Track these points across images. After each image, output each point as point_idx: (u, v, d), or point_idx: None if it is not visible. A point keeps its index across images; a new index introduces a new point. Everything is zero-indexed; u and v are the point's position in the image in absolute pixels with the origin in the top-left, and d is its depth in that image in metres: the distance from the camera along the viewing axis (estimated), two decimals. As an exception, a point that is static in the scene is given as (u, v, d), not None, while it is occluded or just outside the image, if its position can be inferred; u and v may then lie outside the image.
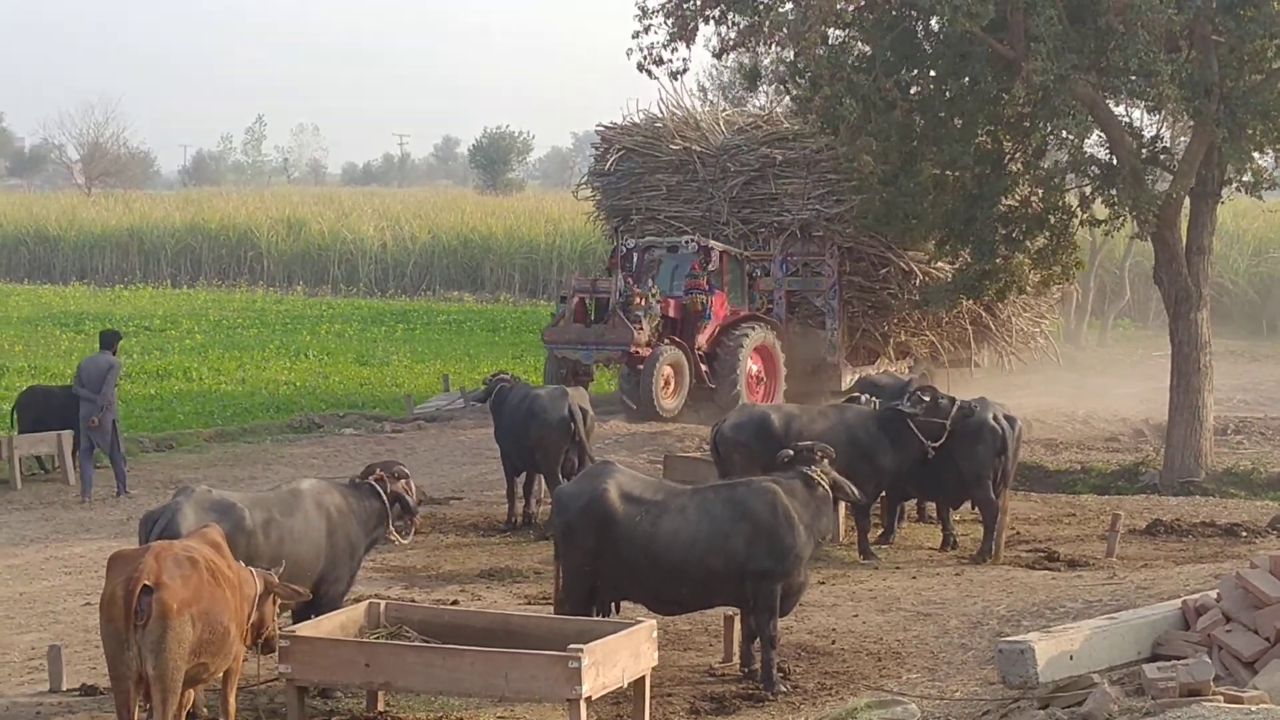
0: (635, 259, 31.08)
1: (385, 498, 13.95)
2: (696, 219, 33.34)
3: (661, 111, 35.36)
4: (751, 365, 30.50)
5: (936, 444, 18.59)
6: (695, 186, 33.72)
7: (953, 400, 19.29)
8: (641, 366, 29.26)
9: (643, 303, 29.47)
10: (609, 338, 29.50)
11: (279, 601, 11.80)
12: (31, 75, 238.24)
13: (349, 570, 13.83)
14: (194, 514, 12.75)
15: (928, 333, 33.32)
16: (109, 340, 23.59)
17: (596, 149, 36.40)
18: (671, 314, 30.22)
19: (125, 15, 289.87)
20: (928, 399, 19.02)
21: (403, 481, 14.16)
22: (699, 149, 33.80)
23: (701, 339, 30.30)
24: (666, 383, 29.38)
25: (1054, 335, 36.26)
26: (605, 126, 35.77)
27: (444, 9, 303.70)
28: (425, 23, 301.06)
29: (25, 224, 71.12)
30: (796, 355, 31.80)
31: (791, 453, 14.04)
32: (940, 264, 30.43)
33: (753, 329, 30.76)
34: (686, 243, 31.00)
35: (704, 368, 30.13)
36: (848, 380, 31.00)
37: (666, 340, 29.69)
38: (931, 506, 20.81)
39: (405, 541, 14.51)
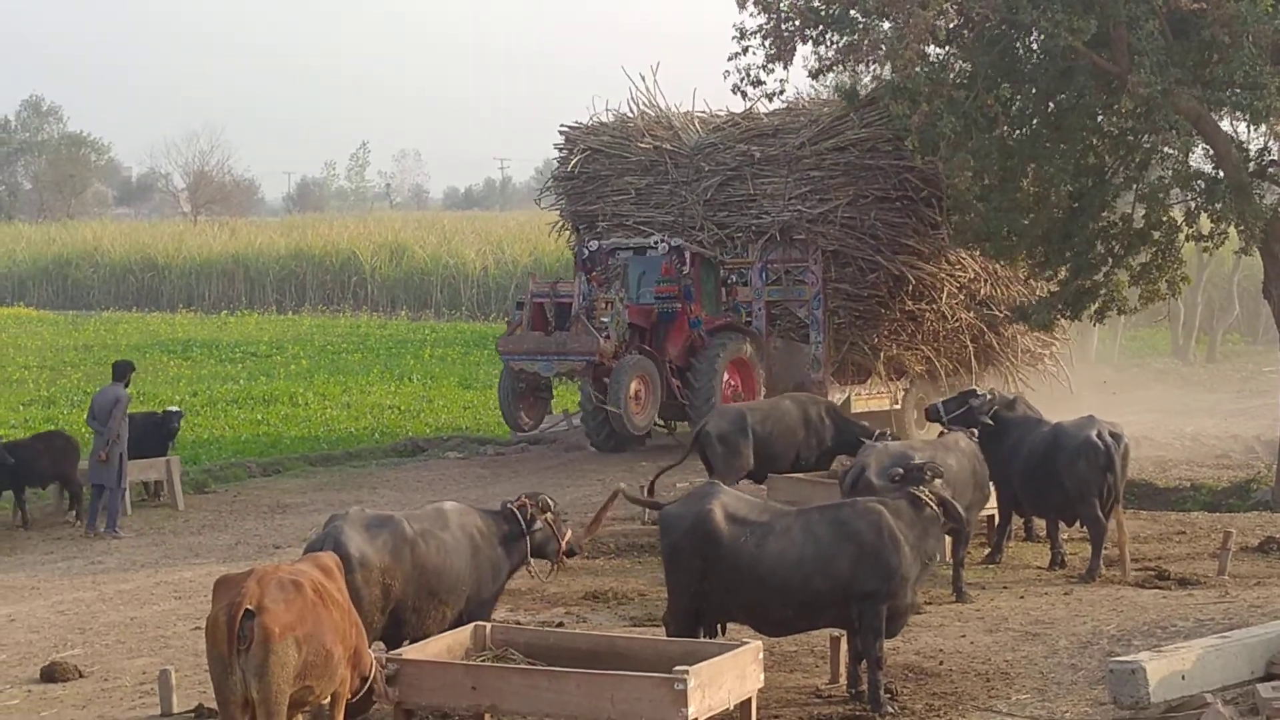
0: (600, 264, 28.86)
1: (524, 524, 14.02)
2: (668, 223, 30.79)
3: (632, 110, 33.01)
4: (727, 381, 28.25)
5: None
6: (667, 189, 31.23)
7: (991, 399, 19.50)
8: (608, 379, 27.11)
9: (608, 309, 27.41)
10: (571, 347, 27.22)
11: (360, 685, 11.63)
12: (138, 105, 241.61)
13: (493, 593, 13.89)
14: (355, 532, 12.89)
15: (922, 347, 30.71)
16: (121, 372, 22.99)
17: (560, 150, 33.45)
18: (640, 322, 28.13)
19: (230, 46, 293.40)
20: (963, 404, 19.38)
21: (548, 515, 14.24)
22: (670, 148, 31.37)
23: (674, 350, 28.21)
24: (635, 396, 27.27)
25: (1064, 358, 33.76)
26: (570, 126, 33.15)
27: (542, 37, 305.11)
28: (526, 51, 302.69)
29: (133, 252, 72.09)
30: (777, 372, 29.51)
31: (901, 471, 13.97)
32: (927, 265, 29.31)
33: (730, 339, 28.46)
34: (656, 244, 28.80)
35: (676, 382, 28.03)
36: (836, 400, 28.04)
37: (635, 350, 27.62)
38: (1040, 525, 20.62)
39: (544, 578, 14.51)
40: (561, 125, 33.12)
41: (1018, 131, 25.48)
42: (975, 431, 19.04)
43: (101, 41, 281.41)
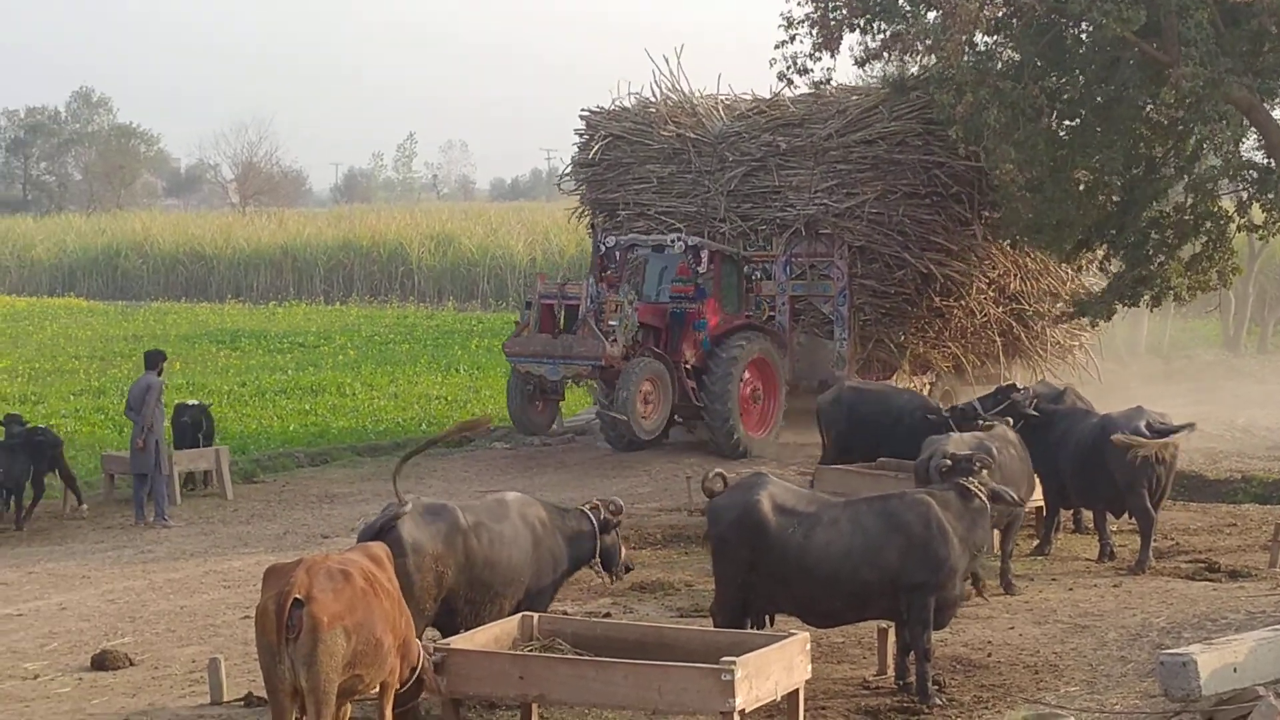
0: (617, 259, 28.11)
1: (595, 525, 14.08)
2: (691, 214, 29.91)
3: (655, 94, 31.84)
4: (747, 381, 27.37)
5: None
6: (690, 178, 30.17)
7: (1031, 394, 19.60)
8: (618, 383, 26.10)
9: (616, 311, 26.39)
10: (577, 350, 26.34)
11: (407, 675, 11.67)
12: (187, 96, 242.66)
13: (551, 584, 13.92)
14: (409, 518, 12.93)
15: (950, 344, 29.96)
16: (153, 360, 23.14)
17: (580, 135, 32.26)
18: (654, 322, 27.06)
19: (278, 36, 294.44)
20: (1005, 400, 19.47)
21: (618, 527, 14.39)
22: (694, 136, 30.32)
23: (690, 351, 27.12)
24: (645, 399, 26.23)
25: (1094, 349, 33.32)
26: (590, 111, 32.10)
27: (591, 29, 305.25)
28: (575, 39, 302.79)
29: (182, 243, 72.35)
30: (801, 369, 28.78)
31: (949, 463, 13.93)
32: (957, 263, 28.54)
33: (748, 340, 27.37)
34: (673, 241, 27.76)
35: (691, 384, 27.01)
36: None
37: (645, 352, 26.58)
38: (1088, 517, 20.53)
39: (609, 581, 14.56)
40: (582, 110, 32.26)
41: (1066, 122, 25.38)
42: (1010, 421, 18.99)
43: (151, 33, 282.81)
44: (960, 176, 28.37)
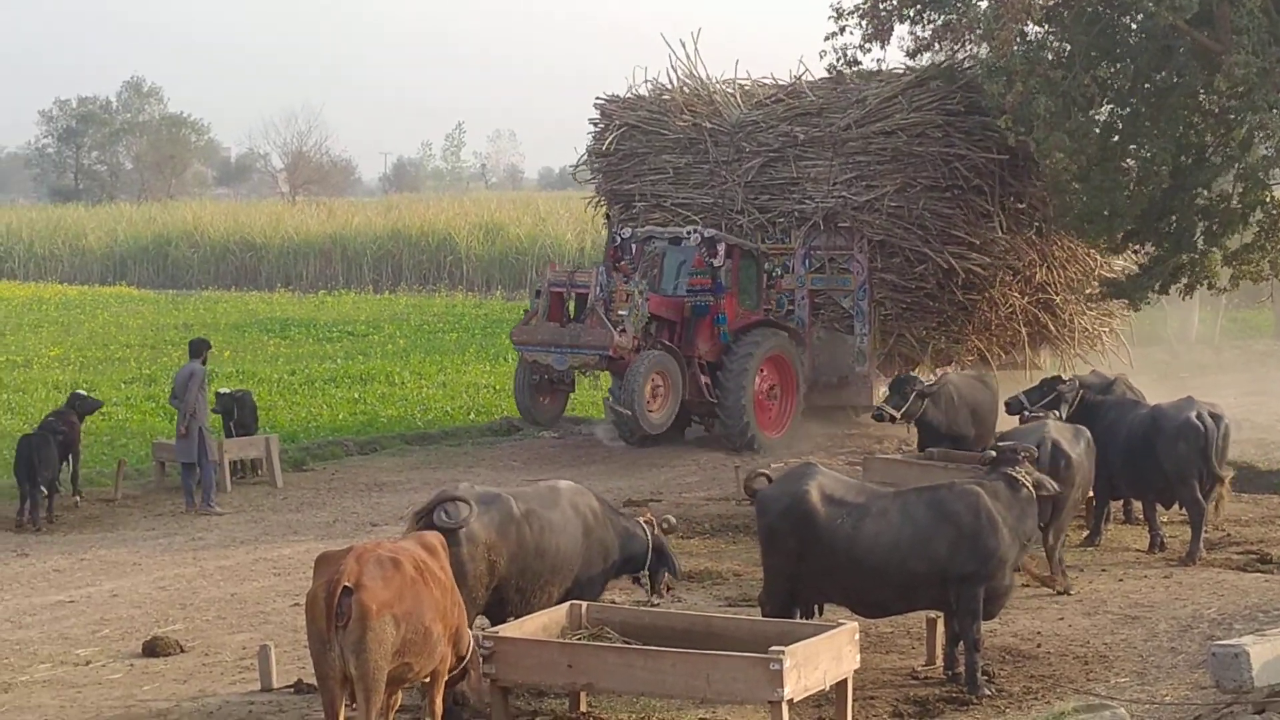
0: (633, 252, 27.44)
1: (649, 537, 14.15)
2: (708, 206, 29.25)
3: (671, 82, 31.10)
4: (764, 379, 26.99)
5: None
6: (706, 169, 29.50)
7: (1077, 386, 19.59)
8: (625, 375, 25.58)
9: (626, 301, 25.89)
10: (584, 339, 25.70)
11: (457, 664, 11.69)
12: (238, 86, 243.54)
13: (603, 574, 13.96)
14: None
15: (973, 337, 29.25)
16: (197, 349, 23.33)
17: (595, 125, 31.61)
18: (668, 315, 26.56)
19: (326, 26, 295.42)
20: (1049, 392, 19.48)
21: (669, 540, 14.45)
22: (710, 126, 29.59)
23: (705, 346, 26.70)
24: (654, 393, 25.64)
25: (1126, 335, 32.95)
26: (605, 100, 31.42)
27: (637, 16, 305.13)
28: (622, 30, 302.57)
29: (232, 232, 72.62)
30: (820, 365, 28.30)
31: (994, 453, 13.89)
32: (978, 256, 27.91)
33: (764, 336, 26.97)
34: (690, 234, 27.16)
35: (705, 378, 26.63)
36: (880, 394, 26.50)
37: (656, 345, 26.10)
38: (1138, 507, 20.44)
39: (655, 599, 14.51)
40: (597, 98, 31.57)
41: (1117, 111, 25.25)
42: (1056, 414, 18.93)
43: (202, 23, 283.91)
44: (981, 169, 27.90)
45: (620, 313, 25.64)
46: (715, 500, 22.69)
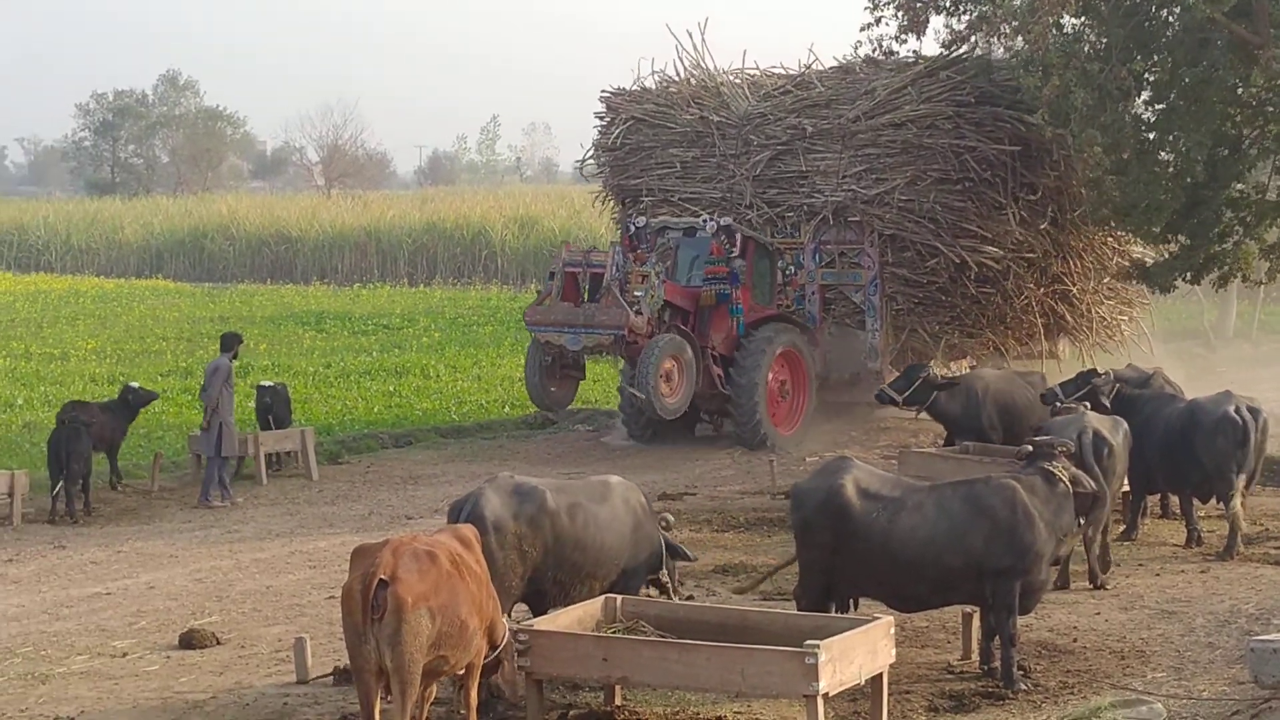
0: (646, 242, 26.94)
1: (664, 539, 14.22)
2: (716, 200, 28.88)
3: (678, 74, 30.75)
4: (775, 375, 26.55)
5: None
6: (714, 162, 29.16)
7: (1112, 379, 19.69)
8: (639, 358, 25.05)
9: (643, 282, 25.42)
10: (599, 319, 25.10)
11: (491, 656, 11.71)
12: (273, 79, 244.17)
13: (646, 569, 14.07)
14: (497, 498, 13.03)
15: (987, 330, 28.89)
16: (228, 343, 23.49)
17: (601, 119, 31.23)
18: (682, 304, 26.09)
19: (363, 20, 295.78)
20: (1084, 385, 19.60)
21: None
22: (718, 118, 29.24)
23: (718, 337, 26.32)
24: (667, 377, 25.09)
25: (1150, 328, 32.68)
26: (611, 93, 31.00)
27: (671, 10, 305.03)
28: (656, 26, 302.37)
29: (268, 225, 72.80)
30: (832, 362, 27.97)
31: (1030, 448, 13.84)
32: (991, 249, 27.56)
33: (777, 332, 26.62)
34: (705, 224, 26.73)
35: (718, 370, 26.22)
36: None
37: (671, 329, 25.62)
38: (1175, 502, 20.35)
39: (661, 594, 14.49)
40: (603, 91, 31.13)
41: (1155, 106, 25.16)
42: (1088, 406, 18.88)
43: (237, 16, 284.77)
44: (993, 161, 27.57)
45: (636, 294, 25.19)
46: (750, 494, 22.68)
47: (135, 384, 24.93)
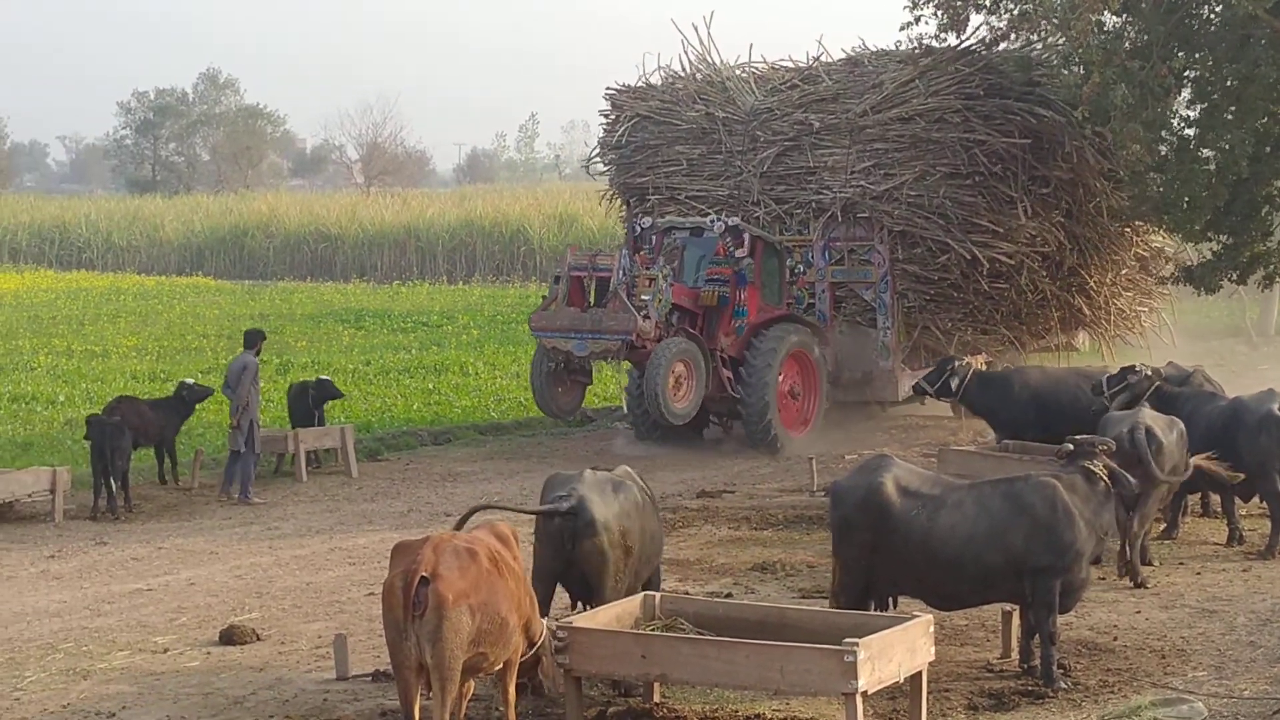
0: (653, 242, 26.51)
1: None
2: (723, 198, 28.53)
3: (683, 69, 30.39)
4: (786, 376, 26.14)
5: None
6: (721, 159, 28.81)
7: (1152, 379, 19.66)
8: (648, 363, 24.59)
9: (650, 286, 25.01)
10: (607, 324, 24.63)
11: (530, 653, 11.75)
12: (313, 77, 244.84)
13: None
14: (595, 495, 13.14)
15: (1001, 326, 28.54)
16: (251, 340, 23.52)
17: (605, 116, 30.92)
18: (689, 305, 25.63)
19: (402, 18, 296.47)
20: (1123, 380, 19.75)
21: None
22: (724, 115, 28.83)
23: (726, 339, 25.87)
24: (677, 382, 24.69)
25: (1167, 316, 32.56)
26: (615, 90, 30.64)
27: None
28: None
29: (307, 223, 73.02)
30: (843, 360, 27.58)
31: (1071, 446, 13.79)
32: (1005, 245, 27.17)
33: (787, 332, 26.15)
34: (712, 223, 26.33)
35: (727, 373, 25.74)
36: (904, 389, 27.09)
37: (679, 332, 25.17)
38: (1216, 500, 20.25)
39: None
40: (608, 88, 30.77)
41: (1198, 105, 25.08)
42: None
43: (277, 15, 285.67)
44: (1003, 154, 27.27)
45: (644, 298, 24.80)
46: (789, 492, 22.64)
47: (190, 380, 25.08)
